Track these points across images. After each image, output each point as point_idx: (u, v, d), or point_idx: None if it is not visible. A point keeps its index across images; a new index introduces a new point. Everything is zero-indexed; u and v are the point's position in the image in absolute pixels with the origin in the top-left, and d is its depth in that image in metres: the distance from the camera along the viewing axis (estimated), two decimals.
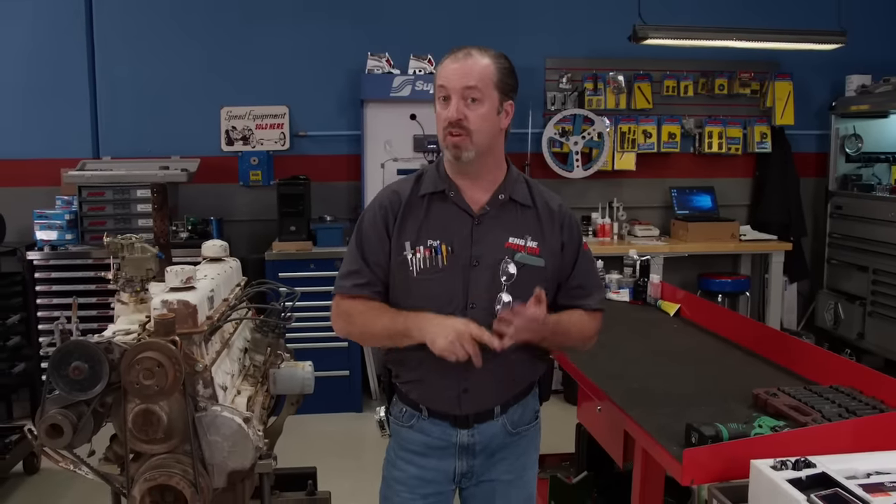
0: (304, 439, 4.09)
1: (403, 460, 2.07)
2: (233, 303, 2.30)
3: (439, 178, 2.02)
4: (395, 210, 1.99)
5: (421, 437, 2.04)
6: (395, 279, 1.98)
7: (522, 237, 1.97)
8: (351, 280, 2.00)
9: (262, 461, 2.05)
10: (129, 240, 2.18)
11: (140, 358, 1.77)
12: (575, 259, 2.05)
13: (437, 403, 2.01)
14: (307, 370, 2.42)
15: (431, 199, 2.00)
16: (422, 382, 2.00)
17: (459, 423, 2.01)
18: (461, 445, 2.02)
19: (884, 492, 1.62)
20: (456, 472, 2.06)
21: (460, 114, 1.90)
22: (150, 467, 1.86)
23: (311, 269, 4.96)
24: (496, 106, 1.94)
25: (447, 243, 1.95)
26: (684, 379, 2.65)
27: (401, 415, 2.08)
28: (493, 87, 1.92)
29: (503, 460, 2.07)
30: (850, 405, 2.15)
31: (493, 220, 1.98)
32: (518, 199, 2.02)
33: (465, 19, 5.66)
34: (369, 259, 2.00)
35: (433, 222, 1.98)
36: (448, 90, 1.91)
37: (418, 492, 2.05)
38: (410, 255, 1.95)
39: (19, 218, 5.16)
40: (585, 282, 2.08)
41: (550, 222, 2.02)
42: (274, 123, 5.65)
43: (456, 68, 1.92)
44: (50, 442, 1.83)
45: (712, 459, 1.87)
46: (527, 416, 2.11)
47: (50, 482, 4.16)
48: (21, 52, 5.40)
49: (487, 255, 1.95)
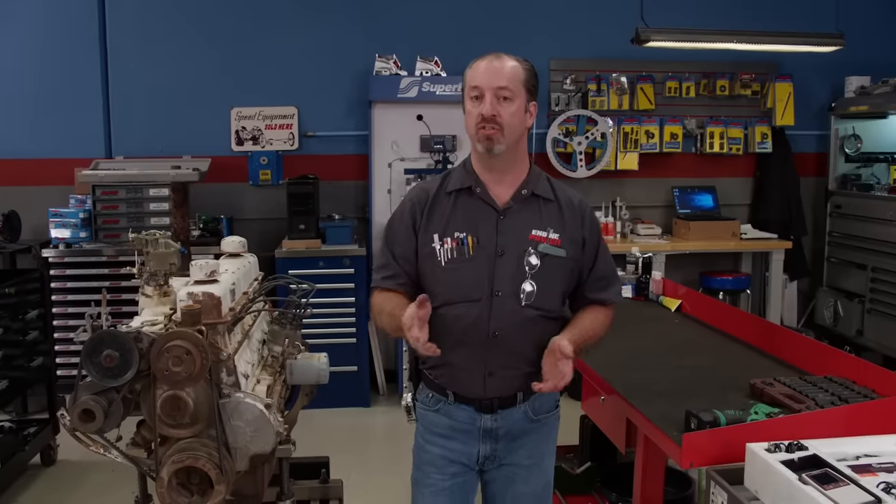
0: (312, 433, 4.17)
1: (430, 443, 2.18)
2: (252, 296, 2.40)
3: (466, 175, 2.14)
4: (423, 205, 2.12)
5: (447, 420, 2.14)
6: (425, 269, 2.10)
7: (545, 229, 2.08)
8: (380, 273, 2.15)
9: (283, 446, 2.15)
10: (153, 236, 2.27)
11: (170, 346, 1.87)
12: (596, 252, 2.17)
13: (463, 387, 2.11)
14: (322, 361, 2.51)
15: (458, 195, 2.12)
16: (448, 367, 2.11)
17: (484, 409, 2.10)
18: (485, 429, 2.12)
19: (871, 472, 1.71)
20: (479, 455, 2.15)
21: (494, 110, 2.02)
22: (176, 450, 1.95)
23: (320, 267, 5.05)
24: (524, 105, 2.08)
25: (473, 235, 2.06)
26: (684, 370, 2.75)
27: (427, 400, 2.19)
28: (521, 86, 2.06)
29: (524, 446, 2.17)
30: (842, 394, 2.24)
31: (517, 213, 2.10)
32: (541, 193, 2.13)
33: (470, 21, 5.76)
34: (396, 253, 2.13)
35: (460, 216, 2.09)
36: (481, 89, 2.03)
37: (447, 471, 2.16)
38: (438, 245, 2.07)
39: (34, 216, 5.28)
40: (607, 273, 2.20)
41: (572, 216, 2.13)
42: (283, 124, 5.74)
43: (488, 68, 2.05)
44: (82, 426, 1.92)
45: (710, 444, 1.96)
46: (548, 404, 2.20)
47: (67, 473, 4.26)
48: (35, 54, 5.51)
49: (512, 246, 2.06)
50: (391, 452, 4.49)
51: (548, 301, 2.08)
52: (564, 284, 2.13)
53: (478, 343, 2.05)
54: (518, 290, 2.05)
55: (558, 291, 2.12)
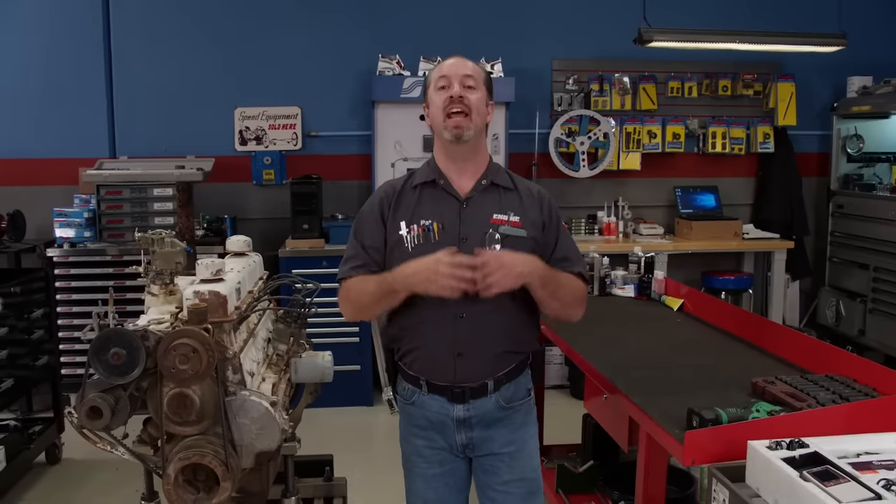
0: (316, 432, 4.19)
1: (413, 434, 2.28)
2: (257, 295, 2.42)
3: (430, 170, 2.27)
4: (390, 198, 2.24)
5: (422, 412, 2.23)
6: (393, 256, 2.19)
7: (505, 213, 2.20)
8: (349, 264, 2.24)
9: (288, 443, 2.17)
10: (159, 235, 2.29)
11: (176, 344, 1.89)
12: (557, 236, 2.26)
13: (434, 373, 2.19)
14: (327, 359, 2.52)
15: (423, 188, 2.24)
16: (419, 350, 2.20)
17: (456, 398, 2.19)
18: (458, 419, 2.20)
19: (872, 469, 1.72)
20: (458, 444, 2.24)
21: (462, 93, 2.16)
22: (183, 447, 1.96)
23: (323, 266, 5.06)
24: (485, 98, 2.23)
25: (439, 222, 2.17)
26: (686, 369, 2.76)
27: (404, 392, 2.28)
28: (482, 82, 2.23)
29: (499, 433, 2.24)
30: (843, 392, 2.25)
31: (479, 202, 2.22)
32: (500, 183, 2.25)
33: (473, 22, 5.78)
34: (365, 243, 2.23)
35: (425, 206, 2.21)
36: (449, 78, 2.18)
37: (433, 460, 2.26)
38: (405, 232, 2.18)
39: (38, 216, 5.30)
40: (569, 254, 2.27)
41: (531, 202, 2.24)
42: (286, 124, 5.77)
43: (454, 62, 2.23)
44: (89, 423, 1.93)
45: (712, 441, 1.97)
46: (519, 392, 2.27)
47: (71, 472, 4.29)
48: (39, 54, 5.53)
49: (475, 232, 2.16)
50: (394, 451, 4.43)
51: None
52: None
53: (446, 324, 2.13)
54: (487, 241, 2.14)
55: None
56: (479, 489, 2.32)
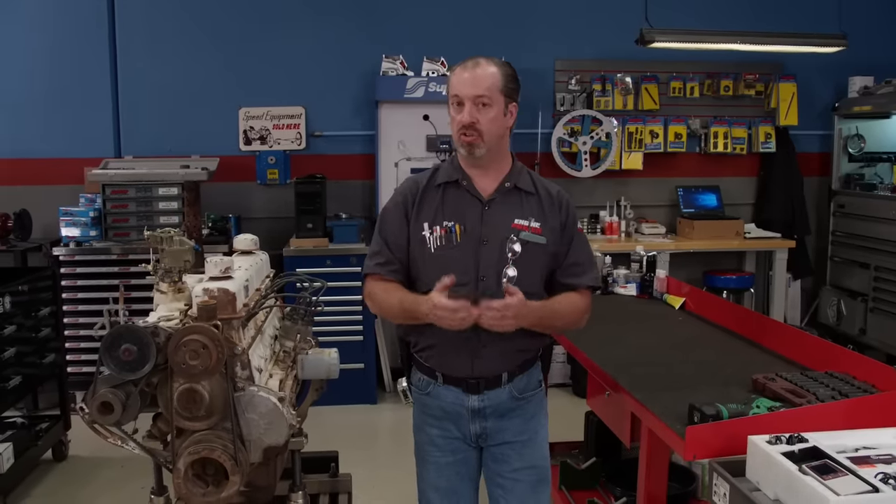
0: (321, 429, 4.22)
1: (427, 424, 2.33)
2: (265, 292, 2.45)
3: (453, 169, 2.30)
4: (414, 196, 2.28)
5: (437, 402, 2.29)
6: (415, 255, 2.24)
7: (526, 219, 2.23)
8: (373, 260, 2.29)
9: (295, 438, 2.20)
10: (168, 233, 2.32)
11: (186, 340, 1.91)
12: (571, 238, 2.30)
13: (451, 368, 2.25)
14: (333, 356, 2.55)
15: (446, 188, 2.28)
16: (437, 348, 2.25)
17: (471, 390, 2.24)
18: (473, 409, 2.26)
19: (870, 464, 1.75)
20: (472, 434, 2.29)
21: (473, 118, 2.19)
22: (192, 442, 1.99)
23: (327, 265, 5.10)
24: (502, 109, 2.23)
25: (461, 223, 2.21)
26: (688, 366, 2.79)
27: (419, 383, 2.33)
28: (499, 92, 2.21)
29: (513, 422, 2.30)
30: (843, 388, 2.28)
31: (501, 204, 2.25)
32: (522, 186, 2.28)
33: (476, 22, 5.80)
34: (389, 240, 2.27)
35: (448, 206, 2.24)
36: (461, 97, 2.20)
37: (446, 449, 2.31)
38: (428, 233, 2.22)
39: (44, 215, 5.35)
40: (581, 259, 2.31)
41: (551, 205, 2.28)
42: (291, 124, 5.80)
43: (467, 78, 2.21)
44: (100, 418, 1.96)
45: (713, 436, 2.01)
46: (532, 383, 2.34)
47: (78, 469, 4.32)
48: (44, 54, 5.57)
49: (495, 235, 2.20)
50: (398, 448, 4.53)
51: (530, 284, 2.20)
52: (546, 269, 2.27)
53: None
54: (501, 274, 2.18)
55: (539, 275, 2.26)
56: (488, 478, 2.36)
